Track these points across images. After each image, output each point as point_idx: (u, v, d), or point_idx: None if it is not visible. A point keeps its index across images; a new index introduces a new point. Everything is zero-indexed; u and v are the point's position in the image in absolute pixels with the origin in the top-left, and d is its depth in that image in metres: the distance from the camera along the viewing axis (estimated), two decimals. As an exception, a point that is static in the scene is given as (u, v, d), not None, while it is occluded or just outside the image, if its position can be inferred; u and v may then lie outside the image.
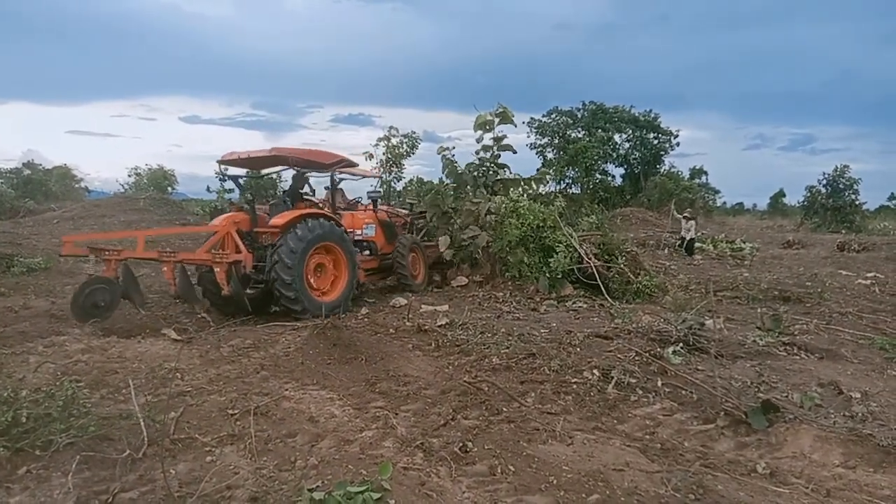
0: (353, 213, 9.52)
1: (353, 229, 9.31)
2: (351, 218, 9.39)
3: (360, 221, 9.62)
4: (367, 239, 9.64)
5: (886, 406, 4.69)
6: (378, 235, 9.84)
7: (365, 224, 9.69)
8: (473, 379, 5.09)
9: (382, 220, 10.15)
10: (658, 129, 37.11)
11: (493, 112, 11.83)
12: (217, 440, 3.74)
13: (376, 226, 9.89)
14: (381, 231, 9.93)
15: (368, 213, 9.96)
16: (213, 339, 6.39)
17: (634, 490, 3.24)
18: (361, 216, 9.72)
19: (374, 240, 9.74)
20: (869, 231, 30.47)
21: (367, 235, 9.64)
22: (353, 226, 9.33)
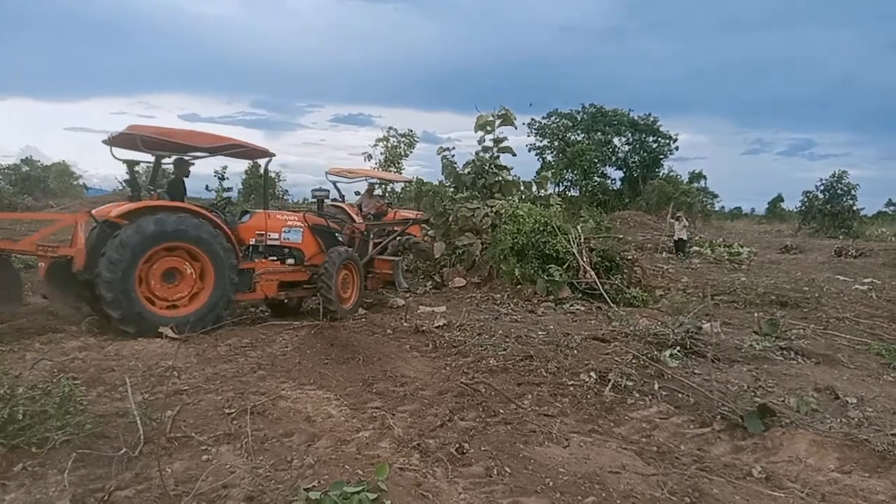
0: (268, 214, 7.86)
1: (268, 232, 7.71)
2: (265, 219, 7.75)
3: (277, 223, 7.86)
4: (288, 245, 7.91)
5: (882, 411, 4.70)
6: (307, 243, 8.10)
7: (286, 227, 7.94)
8: (470, 380, 5.09)
9: (316, 224, 8.39)
10: (657, 132, 37.24)
11: (496, 113, 11.84)
12: (213, 439, 3.73)
13: (305, 231, 8.11)
14: (314, 238, 8.19)
15: (294, 215, 8.32)
16: (210, 337, 6.39)
17: (630, 493, 3.24)
18: (282, 217, 8.05)
19: (301, 247, 8.01)
20: (866, 237, 30.57)
21: (288, 241, 7.91)
22: (267, 228, 7.71)
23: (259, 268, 7.48)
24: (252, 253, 7.54)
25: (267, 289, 7.54)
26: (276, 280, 7.65)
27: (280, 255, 7.82)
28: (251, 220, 7.73)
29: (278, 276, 7.69)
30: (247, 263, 7.36)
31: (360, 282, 8.41)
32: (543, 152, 38.01)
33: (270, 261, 7.67)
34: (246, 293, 7.35)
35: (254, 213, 7.90)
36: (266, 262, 7.61)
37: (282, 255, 7.84)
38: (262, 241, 7.63)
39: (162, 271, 6.51)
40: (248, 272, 7.34)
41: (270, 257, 7.69)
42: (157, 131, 6.77)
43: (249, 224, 7.64)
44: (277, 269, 7.71)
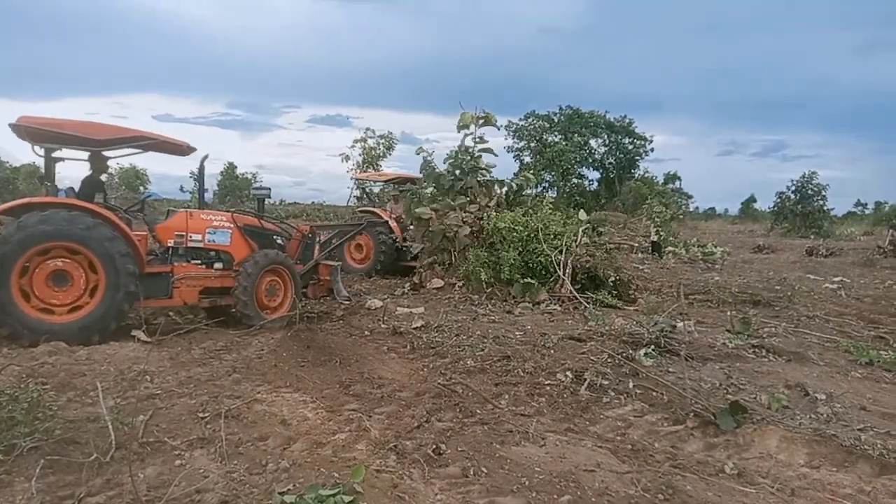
0: (190, 213, 7.33)
1: (189, 233, 7.15)
2: (185, 219, 7.21)
3: (200, 224, 7.24)
4: (213, 247, 7.29)
5: (850, 407, 4.81)
6: (236, 245, 7.43)
7: (211, 228, 7.30)
8: (448, 381, 5.10)
9: (249, 225, 7.71)
10: (633, 134, 37.69)
11: (476, 115, 11.86)
12: (187, 443, 3.69)
13: (233, 232, 7.44)
14: (245, 240, 7.51)
15: (221, 215, 7.63)
16: (184, 341, 6.31)
17: (605, 490, 3.28)
18: (206, 217, 7.38)
19: (229, 250, 7.37)
20: (836, 236, 31.29)
21: (213, 243, 7.28)
22: (188, 229, 7.15)
23: (178, 272, 6.95)
24: (171, 255, 7.04)
25: (186, 295, 7.00)
26: (198, 286, 7.10)
27: (205, 259, 7.26)
28: (170, 220, 7.23)
29: (201, 281, 7.12)
30: (160, 267, 6.90)
31: (294, 289, 7.67)
32: (521, 154, 38.23)
33: (193, 264, 7.13)
34: (161, 299, 6.89)
35: (175, 213, 7.44)
36: (187, 266, 7.07)
37: (207, 258, 7.28)
38: (183, 242, 7.08)
39: (48, 274, 5.97)
40: (164, 277, 6.85)
41: (194, 261, 7.16)
42: (45, 122, 6.25)
43: (168, 224, 7.13)
44: (200, 274, 7.13)
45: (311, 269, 8.33)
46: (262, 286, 7.33)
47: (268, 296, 7.43)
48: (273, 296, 7.51)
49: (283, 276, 7.59)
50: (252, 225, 7.77)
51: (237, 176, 43.23)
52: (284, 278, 7.61)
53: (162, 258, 7.06)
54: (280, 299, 7.59)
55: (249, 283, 7.12)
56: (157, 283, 6.80)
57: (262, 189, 9.07)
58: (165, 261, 7.01)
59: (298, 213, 32.37)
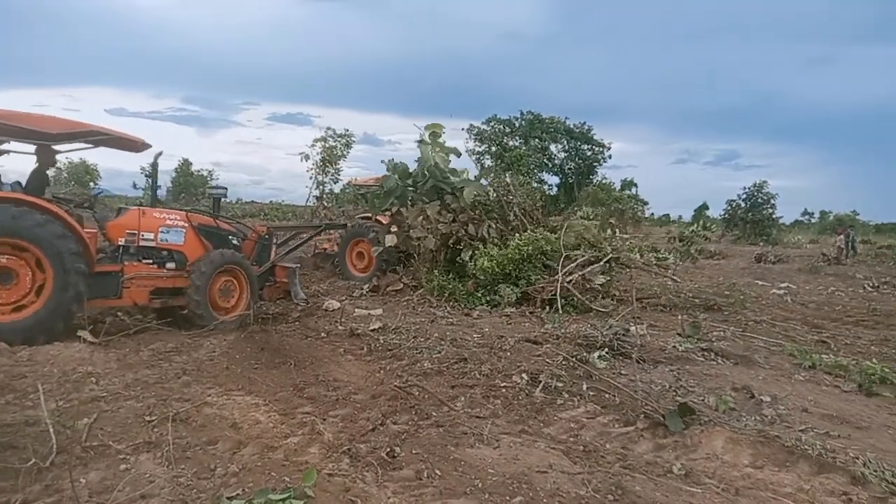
0: (142, 211, 7.07)
1: (141, 232, 6.92)
2: (137, 217, 6.96)
3: (153, 222, 7.02)
4: (166, 247, 7.10)
5: (792, 409, 4.98)
6: (190, 245, 7.26)
7: (164, 227, 7.10)
8: (404, 383, 5.08)
9: (204, 225, 7.54)
10: (591, 140, 38.33)
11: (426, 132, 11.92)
12: (132, 448, 3.58)
13: (187, 231, 7.27)
14: (199, 240, 7.34)
15: (175, 214, 7.42)
16: (133, 342, 6.13)
17: (556, 491, 3.31)
18: (160, 216, 7.17)
19: (183, 250, 7.19)
20: (784, 244, 32.48)
21: (166, 242, 7.09)
22: (140, 227, 6.91)
23: (128, 271, 6.73)
24: (122, 254, 6.81)
25: (136, 295, 6.78)
26: (150, 286, 6.88)
27: (158, 258, 7.05)
28: (122, 217, 7.00)
29: (152, 281, 6.90)
30: (110, 266, 6.67)
31: (249, 290, 7.51)
32: (482, 157, 38.48)
33: (144, 264, 6.92)
34: (110, 299, 6.67)
35: (126, 211, 7.20)
36: (138, 266, 6.85)
37: (160, 257, 7.07)
38: (134, 241, 6.86)
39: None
40: (113, 276, 6.62)
41: (145, 260, 6.95)
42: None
43: (119, 222, 6.90)
44: (152, 274, 6.92)
45: (268, 271, 8.16)
46: (215, 287, 7.18)
47: (222, 296, 7.27)
48: (227, 297, 7.35)
49: (238, 277, 7.43)
50: (207, 224, 7.60)
51: (192, 173, 42.34)
52: (240, 279, 7.45)
53: (112, 257, 6.82)
54: (235, 300, 7.43)
55: (203, 282, 6.96)
56: (106, 282, 6.57)
57: (218, 188, 8.81)
58: (115, 260, 6.78)
59: (256, 213, 31.87)
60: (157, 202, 7.71)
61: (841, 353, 7.37)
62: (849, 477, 3.63)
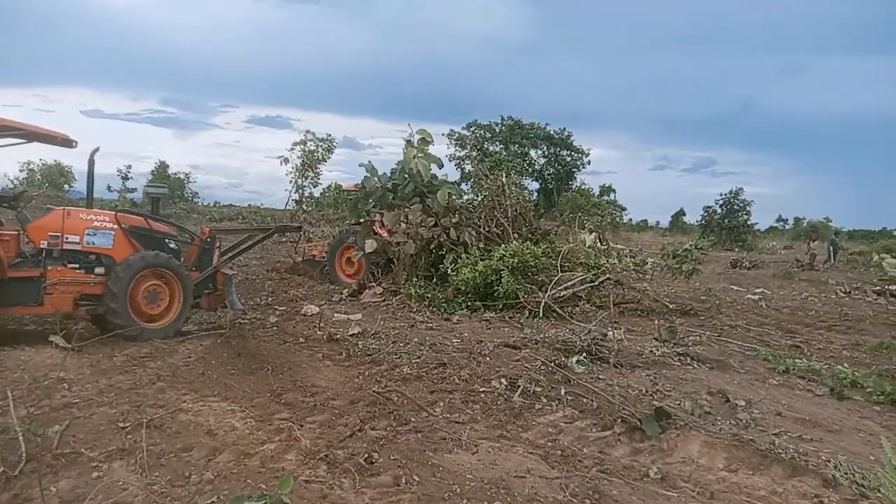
0: (67, 212, 6.55)
1: (65, 234, 6.39)
2: (62, 218, 6.43)
3: (79, 224, 6.50)
4: (94, 250, 6.56)
5: (767, 413, 5.06)
6: (120, 248, 6.68)
7: (90, 229, 6.56)
8: (383, 389, 5.06)
9: (136, 227, 6.96)
10: (571, 146, 38.66)
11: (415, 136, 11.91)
12: (105, 455, 3.52)
13: (117, 234, 6.71)
14: (130, 243, 6.77)
15: (103, 215, 6.82)
16: (107, 347, 6.01)
17: (535, 496, 3.33)
18: (86, 217, 6.61)
19: (112, 253, 6.61)
20: (759, 250, 33.01)
21: (93, 245, 6.57)
22: (64, 229, 6.39)
23: (51, 277, 6.24)
24: (45, 258, 6.32)
25: (60, 302, 6.30)
26: (75, 292, 6.38)
27: (85, 263, 6.54)
28: (44, 218, 6.50)
29: (77, 287, 6.39)
30: (30, 271, 6.21)
31: (183, 296, 6.87)
32: (462, 162, 38.60)
33: (70, 268, 6.42)
34: (30, 306, 6.21)
35: (51, 211, 6.69)
36: (63, 271, 6.35)
37: (86, 262, 6.55)
38: (58, 244, 6.34)
39: None
40: (33, 282, 6.16)
41: (71, 264, 6.45)
42: None
43: (41, 224, 6.39)
44: (77, 279, 6.40)
45: (209, 277, 7.46)
46: (139, 292, 6.59)
47: (148, 302, 6.68)
48: (155, 303, 6.74)
49: (169, 282, 6.85)
50: (139, 226, 7.02)
51: (169, 175, 41.82)
52: (171, 284, 6.85)
53: (34, 261, 6.36)
54: (165, 306, 6.82)
55: (119, 288, 6.38)
56: (24, 288, 6.12)
57: (157, 187, 8.05)
58: (37, 264, 6.30)
59: (234, 216, 31.56)
60: (91, 203, 7.18)
61: (814, 357, 7.52)
62: (821, 480, 3.70)
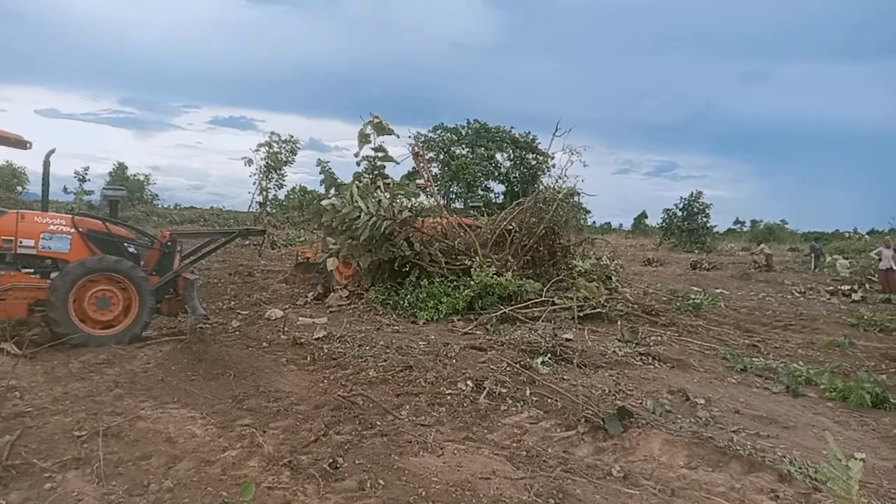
0: (21, 215, 6.40)
1: (19, 238, 6.26)
2: (15, 221, 6.30)
3: (34, 228, 6.36)
4: (49, 255, 6.42)
5: (725, 411, 5.19)
6: (77, 252, 6.51)
7: (46, 233, 6.41)
8: (348, 393, 5.03)
9: (94, 230, 6.76)
10: (536, 150, 38.98)
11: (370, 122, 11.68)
12: (59, 465, 3.42)
13: (74, 238, 6.55)
14: (87, 247, 6.59)
15: (60, 218, 6.70)
16: (62, 353, 5.82)
17: (499, 497, 3.34)
18: (41, 220, 6.47)
19: (68, 258, 6.44)
20: (718, 251, 33.82)
21: (49, 250, 6.41)
22: (18, 233, 6.26)
23: (4, 282, 6.09)
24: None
25: (13, 308, 6.11)
26: (28, 298, 6.19)
27: (40, 268, 6.38)
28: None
29: (32, 293, 6.19)
30: None
31: (139, 302, 6.57)
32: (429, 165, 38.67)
33: (24, 273, 6.26)
34: None
35: (4, 214, 6.48)
36: (17, 276, 6.20)
37: (42, 267, 6.39)
38: (11, 248, 6.22)
39: None
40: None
41: (25, 269, 6.29)
42: None
43: None
44: (32, 285, 6.22)
45: (170, 282, 7.18)
46: (86, 298, 6.33)
47: (98, 309, 6.41)
48: (106, 309, 6.45)
49: (123, 287, 6.55)
50: (97, 230, 6.80)
51: (128, 177, 40.81)
52: (125, 289, 6.56)
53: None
54: (118, 313, 6.53)
55: (58, 297, 6.11)
56: None
57: (114, 189, 7.72)
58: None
59: (196, 218, 30.97)
60: (46, 206, 6.95)
61: (770, 356, 7.73)
62: (777, 475, 3.81)
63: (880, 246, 17.03)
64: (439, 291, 9.34)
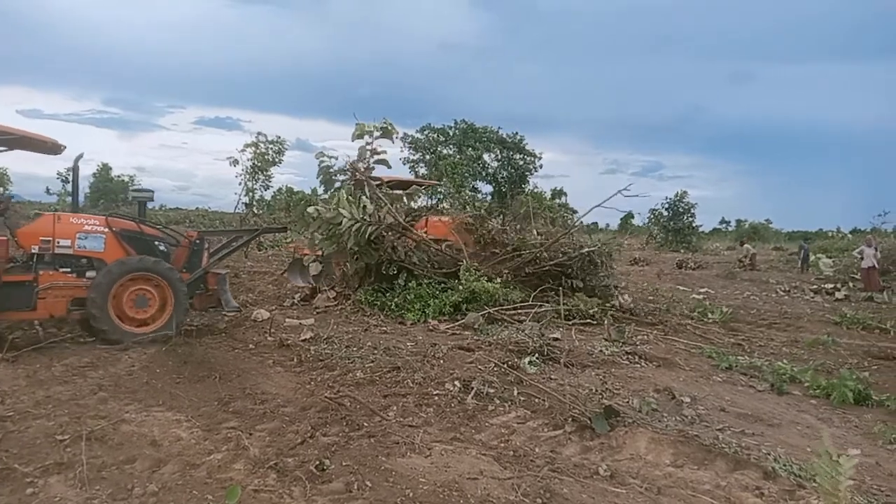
0: (58, 216, 6.64)
1: (56, 238, 6.45)
2: (52, 222, 6.54)
3: (69, 228, 6.57)
4: (85, 254, 6.64)
5: (711, 409, 5.23)
6: (111, 251, 6.75)
7: (81, 233, 6.63)
8: (335, 394, 5.00)
9: (127, 230, 7.01)
10: (523, 150, 39.08)
11: (376, 125, 11.65)
12: (41, 470, 3.37)
13: (108, 237, 6.79)
14: (121, 246, 6.83)
15: (94, 219, 6.96)
16: (45, 356, 5.75)
17: (487, 497, 3.34)
18: (76, 221, 6.71)
19: (103, 257, 6.69)
20: (703, 251, 34.12)
21: (84, 249, 6.63)
22: (55, 234, 6.45)
23: (43, 281, 6.29)
24: (36, 263, 6.39)
25: (53, 307, 6.35)
26: (68, 296, 6.42)
27: (76, 267, 6.58)
28: (34, 223, 6.61)
29: (70, 291, 6.43)
30: (22, 276, 6.25)
31: (174, 300, 6.86)
32: (416, 166, 38.57)
33: (62, 273, 6.47)
34: (24, 311, 6.25)
35: (40, 216, 6.77)
36: (55, 275, 6.40)
37: (78, 266, 6.59)
38: (49, 248, 6.42)
39: None
40: (27, 287, 6.20)
41: (63, 269, 6.50)
42: None
43: (31, 229, 6.47)
44: (70, 284, 6.45)
45: (199, 278, 7.55)
46: (124, 297, 6.61)
47: (136, 307, 6.70)
48: (143, 307, 6.75)
49: (158, 286, 6.83)
50: (130, 230, 7.06)
51: (112, 178, 40.41)
52: (160, 288, 6.85)
53: (25, 266, 6.39)
54: (154, 311, 6.83)
55: (99, 294, 6.37)
56: (18, 293, 6.14)
57: (143, 191, 8.14)
58: (29, 269, 6.33)
59: (181, 219, 30.73)
60: (77, 208, 7.33)
61: (755, 354, 7.81)
62: (761, 472, 3.84)
63: (862, 245, 17.27)
64: (427, 294, 9.33)
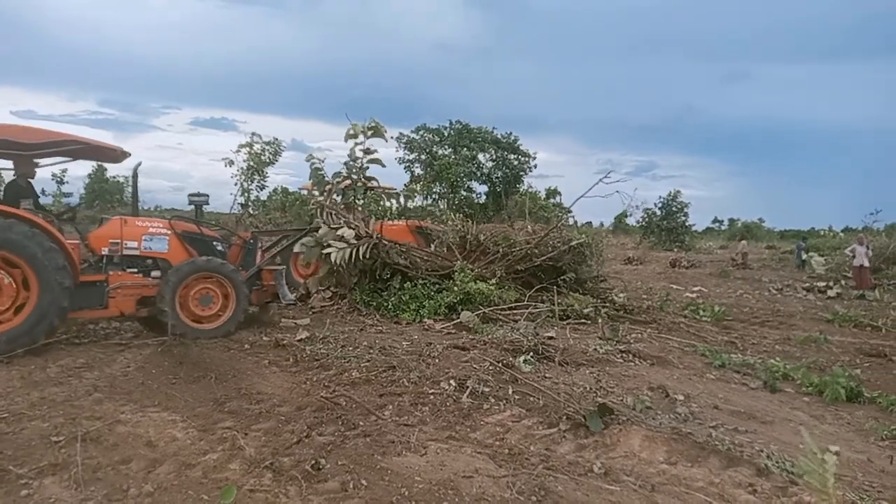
0: (124, 220, 7.04)
1: (124, 240, 6.87)
2: (120, 226, 6.92)
3: (136, 231, 6.99)
4: (151, 255, 7.03)
5: (704, 406, 5.27)
6: (175, 252, 7.18)
7: (147, 235, 7.06)
8: (331, 394, 5.01)
9: (188, 232, 7.45)
10: (518, 150, 39.14)
11: (366, 125, 11.67)
12: (36, 471, 3.37)
13: (171, 239, 7.21)
14: (183, 247, 7.26)
15: (158, 222, 7.41)
16: (39, 358, 5.74)
17: (482, 496, 3.36)
18: (142, 224, 7.15)
19: (168, 257, 7.10)
20: (696, 250, 34.29)
21: (150, 250, 7.04)
22: (123, 236, 6.87)
23: (113, 281, 6.68)
24: (106, 264, 6.76)
25: (123, 305, 6.74)
26: (135, 295, 6.83)
27: (142, 267, 6.97)
28: (103, 227, 6.96)
29: (138, 290, 6.84)
30: (95, 276, 6.61)
31: (237, 297, 7.21)
32: (412, 166, 38.59)
33: (130, 273, 6.86)
34: (96, 310, 6.63)
35: (108, 220, 7.14)
36: (123, 275, 6.79)
37: (144, 266, 6.99)
38: (118, 250, 6.82)
39: None
40: (98, 286, 6.58)
41: (130, 269, 6.89)
42: None
43: (101, 232, 6.87)
44: (137, 283, 6.86)
45: (255, 275, 7.90)
46: (190, 295, 7.01)
47: (200, 305, 7.08)
48: (207, 305, 7.13)
49: (220, 284, 7.20)
50: (191, 231, 7.49)
51: (107, 179, 40.22)
52: (222, 286, 7.21)
53: (96, 267, 6.75)
54: (218, 308, 7.19)
55: (168, 292, 6.78)
56: (91, 293, 6.54)
57: (199, 196, 8.34)
58: (100, 270, 6.72)
59: (176, 221, 30.54)
60: (137, 211, 7.71)
61: (748, 352, 7.87)
62: (754, 469, 3.87)
63: (854, 243, 17.38)
64: (422, 294, 9.35)
